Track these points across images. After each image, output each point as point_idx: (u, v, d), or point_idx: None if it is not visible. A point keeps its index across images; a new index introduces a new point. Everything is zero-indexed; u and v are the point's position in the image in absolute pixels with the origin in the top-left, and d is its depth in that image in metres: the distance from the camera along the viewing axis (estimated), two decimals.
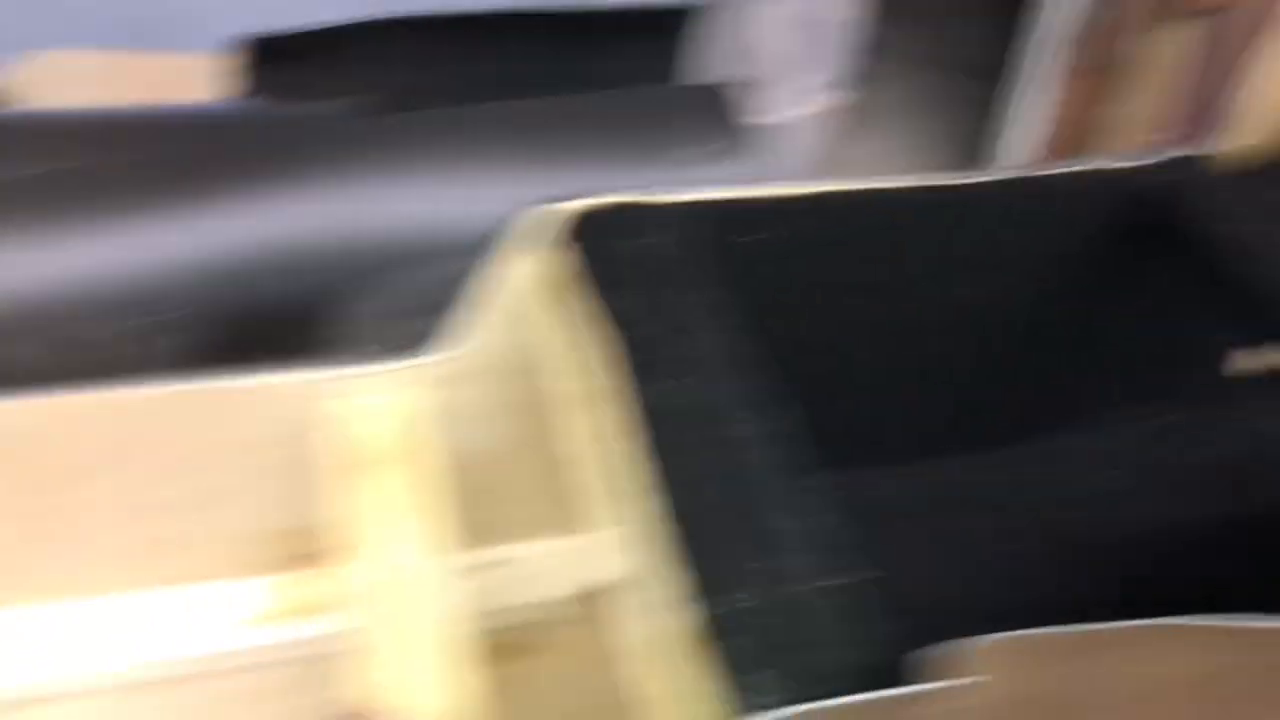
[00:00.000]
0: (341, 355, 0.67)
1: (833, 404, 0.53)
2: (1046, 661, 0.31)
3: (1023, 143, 1.79)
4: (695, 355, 0.41)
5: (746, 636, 0.34)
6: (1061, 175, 0.53)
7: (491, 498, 0.58)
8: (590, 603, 0.61)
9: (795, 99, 1.69)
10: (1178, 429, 0.57)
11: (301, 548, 0.58)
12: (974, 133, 2.10)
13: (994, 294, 0.54)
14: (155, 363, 0.60)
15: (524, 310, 0.49)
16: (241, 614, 0.57)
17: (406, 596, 0.44)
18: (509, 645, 0.59)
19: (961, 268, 0.53)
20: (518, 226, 0.48)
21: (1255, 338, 0.48)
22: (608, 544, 0.63)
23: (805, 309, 0.51)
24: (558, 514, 0.62)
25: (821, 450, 0.41)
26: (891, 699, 0.30)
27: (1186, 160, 0.53)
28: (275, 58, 0.73)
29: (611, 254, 0.45)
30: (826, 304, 0.51)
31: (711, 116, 0.70)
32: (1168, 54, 0.81)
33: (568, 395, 0.44)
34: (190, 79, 0.92)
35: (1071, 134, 1.75)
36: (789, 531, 0.36)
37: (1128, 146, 0.83)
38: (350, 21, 0.76)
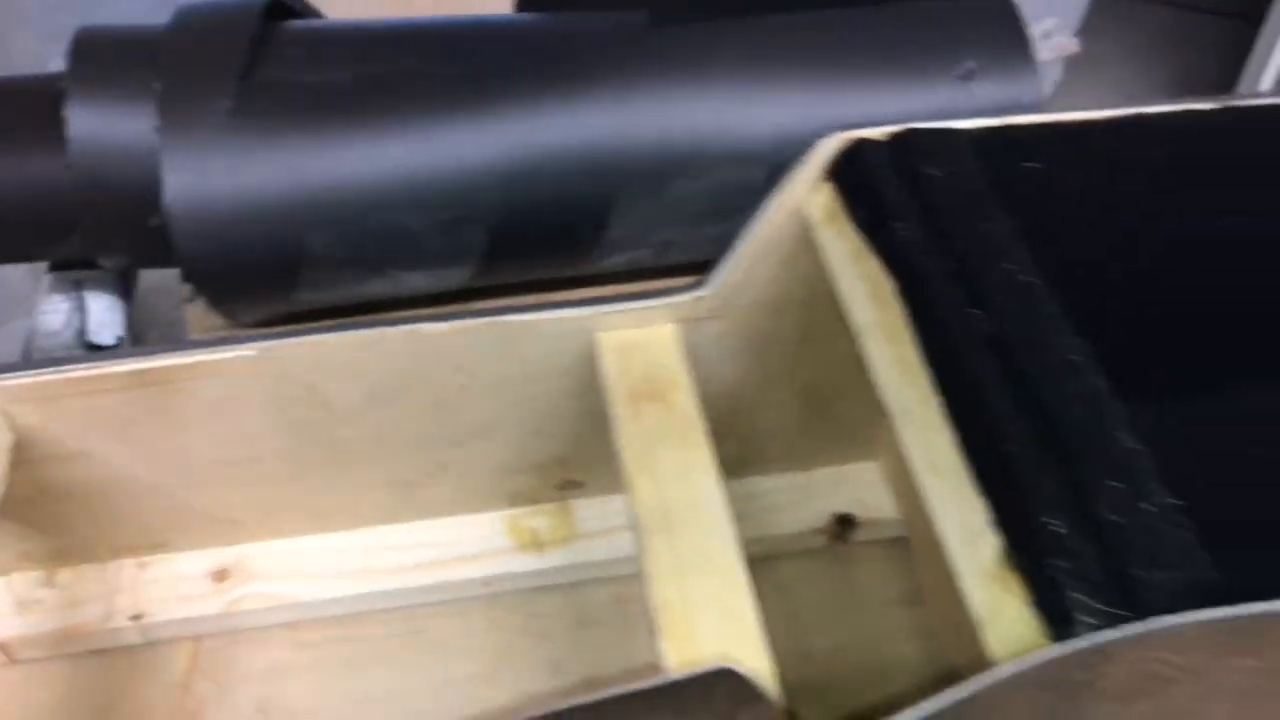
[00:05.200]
0: (620, 269, 0.70)
1: (1121, 331, 0.52)
2: None
3: (1274, 82, 1.68)
4: (983, 286, 0.41)
5: (1062, 560, 0.34)
6: None
7: (746, 431, 0.60)
8: (835, 534, 0.62)
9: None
10: None
11: (570, 476, 0.61)
12: (1217, 73, 1.98)
13: (1265, 221, 0.52)
14: (461, 253, 0.65)
15: (804, 241, 0.50)
16: (494, 544, 0.59)
17: (690, 521, 0.46)
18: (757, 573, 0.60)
19: (1248, 189, 0.51)
20: (802, 156, 0.49)
21: None
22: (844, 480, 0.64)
23: (1086, 236, 0.50)
24: (804, 449, 0.63)
25: (1113, 377, 0.40)
26: (1229, 620, 0.30)
27: None
28: None
29: (890, 184, 0.46)
30: (1109, 230, 0.49)
31: (1002, 31, 0.70)
32: None
33: (853, 327, 0.45)
34: None
35: None
36: (1097, 458, 0.36)
37: None
38: None
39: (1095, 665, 0.31)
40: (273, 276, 0.65)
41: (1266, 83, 1.69)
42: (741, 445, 0.61)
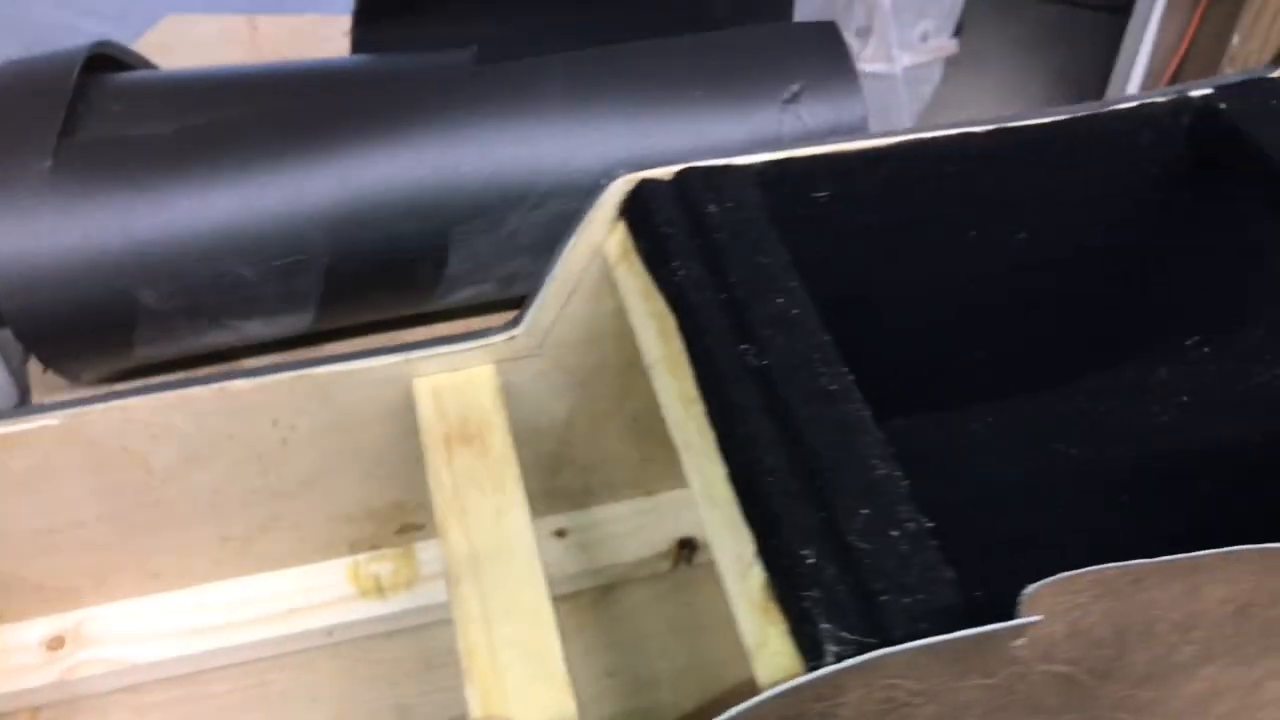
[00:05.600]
0: (467, 304, 0.71)
1: (900, 354, 0.54)
2: (1099, 598, 0.32)
3: (1143, 76, 1.74)
4: (754, 320, 0.42)
5: (814, 591, 0.35)
6: (1127, 109, 0.52)
7: (584, 462, 0.61)
8: (679, 557, 0.63)
9: (907, 46, 1.67)
10: (1242, 355, 0.57)
11: (408, 520, 0.61)
12: (1093, 67, 2.04)
13: (1056, 233, 0.54)
14: (299, 299, 0.66)
15: (608, 278, 0.51)
16: (336, 593, 0.59)
17: (499, 565, 0.46)
18: (603, 601, 0.61)
19: (1025, 209, 0.53)
20: (598, 195, 0.50)
21: None
22: (688, 503, 0.65)
23: (869, 263, 0.52)
24: (646, 475, 0.64)
25: (889, 400, 0.41)
26: (950, 643, 0.32)
27: (1255, 84, 0.52)
28: (385, 13, 0.77)
29: (673, 222, 0.47)
30: (889, 256, 0.51)
31: (825, 54, 0.71)
32: None
33: (644, 362, 0.46)
34: (308, 39, 0.98)
35: (1195, 66, 1.69)
36: (849, 486, 0.37)
37: None
38: None
39: (831, 696, 0.32)
40: (107, 335, 0.65)
41: (1137, 73, 1.74)
42: (583, 475, 0.62)
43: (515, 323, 0.53)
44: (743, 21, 0.76)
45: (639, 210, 0.48)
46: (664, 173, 0.50)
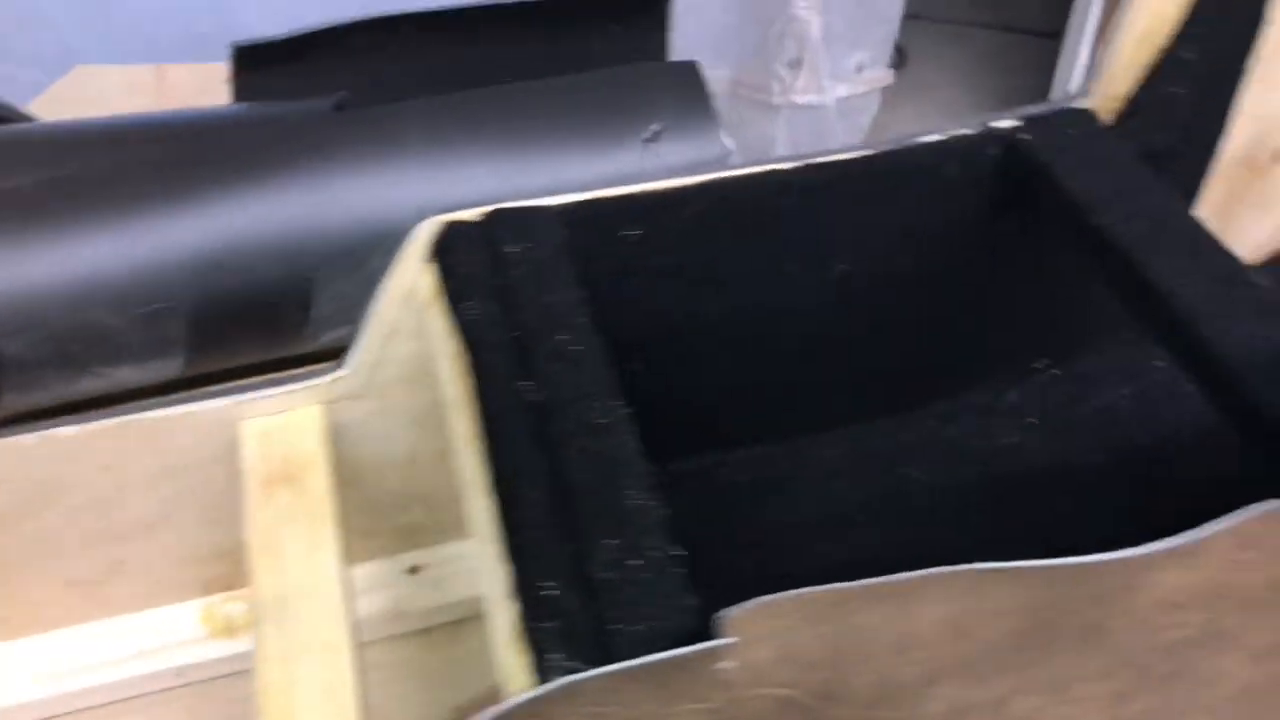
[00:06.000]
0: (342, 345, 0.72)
1: (731, 386, 0.55)
2: (806, 621, 0.33)
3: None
4: (537, 357, 0.43)
5: (550, 623, 0.36)
6: (933, 142, 0.54)
7: (423, 501, 0.62)
8: None
9: (840, 77, 1.68)
10: (1087, 378, 0.58)
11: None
12: (1033, 91, 2.05)
13: (878, 264, 0.55)
14: (165, 344, 0.66)
15: (419, 319, 0.52)
16: (187, 634, 0.59)
17: (305, 608, 0.47)
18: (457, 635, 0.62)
19: (841, 243, 0.54)
20: (412, 238, 0.51)
21: (1113, 290, 0.49)
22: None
23: (685, 300, 0.53)
24: None
25: (648, 437, 0.42)
26: (646, 667, 0.32)
27: (1057, 115, 0.53)
28: (265, 62, 0.79)
29: (474, 263, 0.48)
30: (703, 293, 0.52)
31: (684, 94, 0.72)
32: None
33: (442, 402, 0.47)
34: (210, 88, 1.00)
35: None
36: (601, 517, 0.38)
37: None
38: (340, 22, 0.80)
39: None
40: None
41: None
42: (433, 512, 0.63)
43: (340, 364, 0.54)
44: (618, 61, 0.78)
45: (446, 251, 0.49)
46: (476, 214, 0.51)
